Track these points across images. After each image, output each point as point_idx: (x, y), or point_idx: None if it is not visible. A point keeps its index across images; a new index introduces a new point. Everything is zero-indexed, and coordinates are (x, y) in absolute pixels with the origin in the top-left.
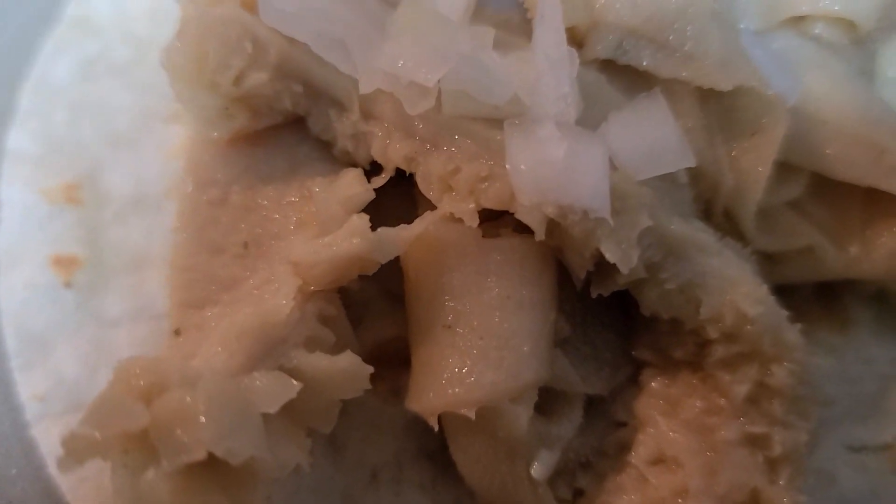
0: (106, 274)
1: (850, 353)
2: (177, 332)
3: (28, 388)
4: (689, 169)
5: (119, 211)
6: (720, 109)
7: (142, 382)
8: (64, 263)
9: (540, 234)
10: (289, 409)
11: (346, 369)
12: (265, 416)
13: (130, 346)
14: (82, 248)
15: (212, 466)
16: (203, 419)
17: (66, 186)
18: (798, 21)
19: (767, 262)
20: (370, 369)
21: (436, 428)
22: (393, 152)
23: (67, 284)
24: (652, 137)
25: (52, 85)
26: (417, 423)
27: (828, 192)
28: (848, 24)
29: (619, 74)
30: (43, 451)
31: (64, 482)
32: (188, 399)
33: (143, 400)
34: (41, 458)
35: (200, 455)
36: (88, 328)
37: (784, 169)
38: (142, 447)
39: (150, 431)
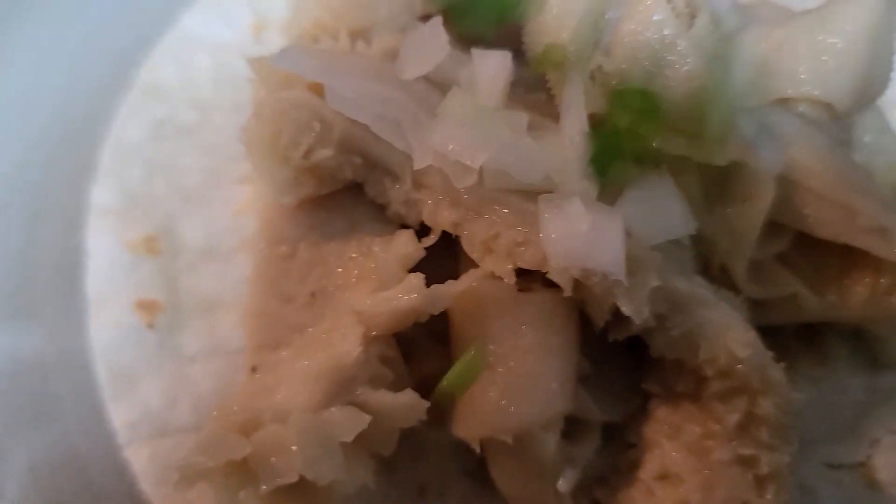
0: (183, 316)
1: (829, 383)
2: (254, 370)
3: (119, 415)
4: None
5: (192, 260)
6: (717, 180)
7: (240, 419)
8: (146, 307)
9: (567, 291)
10: (358, 437)
11: (407, 404)
12: (342, 444)
13: (206, 378)
14: (162, 294)
15: (297, 488)
16: (294, 448)
17: (145, 238)
18: (784, 101)
19: (757, 307)
20: (426, 404)
21: (478, 451)
22: (441, 218)
23: (150, 325)
24: (660, 210)
25: (128, 145)
26: (458, 445)
27: (809, 248)
28: (827, 105)
29: None
30: (135, 469)
31: (154, 497)
32: (281, 432)
33: (243, 433)
34: (133, 476)
35: (293, 478)
36: (169, 364)
37: (772, 227)
38: (241, 472)
39: (249, 460)
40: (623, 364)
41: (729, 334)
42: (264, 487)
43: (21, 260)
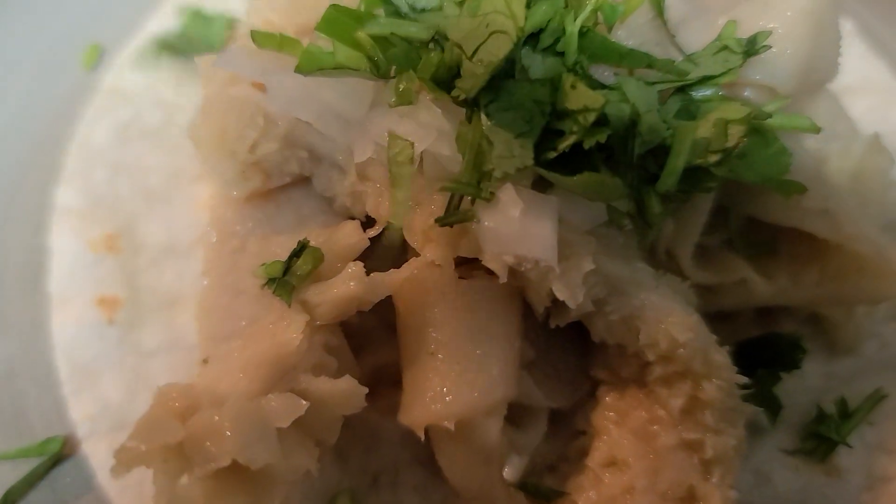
0: (143, 312)
1: None
2: (205, 361)
3: (79, 410)
4: (633, 218)
5: (153, 257)
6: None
7: (177, 404)
8: (107, 303)
9: (503, 278)
10: (299, 423)
11: (346, 390)
12: (279, 430)
13: (165, 373)
14: (123, 290)
15: (235, 472)
16: (228, 433)
17: (107, 237)
18: (729, 87)
19: (707, 293)
20: (365, 390)
21: (423, 438)
22: (384, 209)
23: (111, 321)
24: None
25: (93, 147)
26: (411, 434)
27: (757, 232)
28: (769, 89)
29: None
30: (93, 463)
31: (111, 489)
32: (216, 417)
33: (180, 418)
34: (91, 469)
35: (225, 462)
36: (129, 359)
37: (718, 212)
38: (178, 457)
39: (184, 444)
40: (570, 350)
41: (669, 318)
42: (198, 471)
43: None
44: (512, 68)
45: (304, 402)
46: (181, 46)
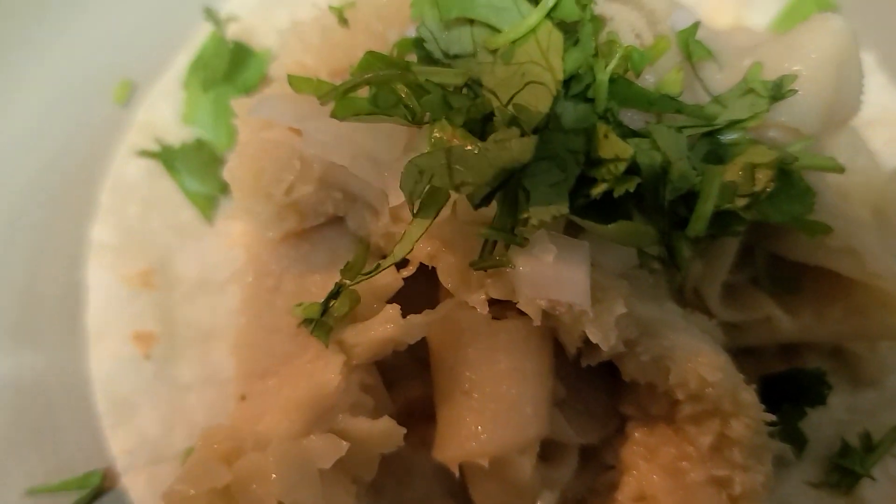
0: (178, 347)
1: None
2: (242, 398)
3: (117, 443)
4: (663, 261)
5: (187, 292)
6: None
7: (222, 446)
8: (143, 338)
9: (537, 321)
10: (339, 463)
11: (385, 430)
12: (321, 471)
13: (201, 407)
14: (158, 325)
15: None
16: (274, 476)
17: (141, 272)
18: (755, 128)
19: (733, 330)
20: (403, 430)
21: (457, 475)
22: (418, 250)
23: (147, 356)
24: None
25: (126, 182)
26: (443, 468)
27: (782, 269)
28: (794, 131)
29: None
30: (132, 496)
31: None
32: (261, 460)
33: (225, 461)
34: (130, 502)
35: None
36: (165, 392)
37: (744, 250)
38: (224, 500)
39: (231, 487)
40: (600, 387)
41: (699, 358)
42: None
43: (25, 294)
44: (546, 118)
45: (344, 443)
46: (215, 79)
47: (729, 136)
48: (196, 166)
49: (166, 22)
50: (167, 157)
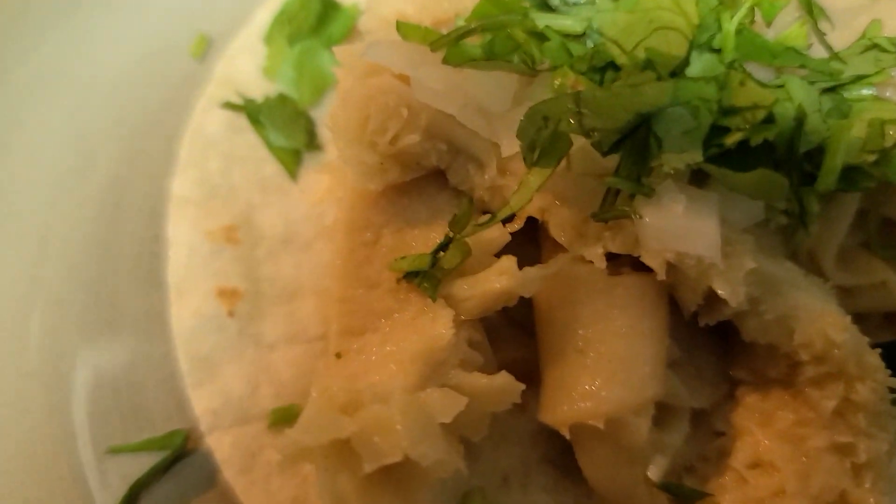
0: (263, 304)
1: None
2: (338, 356)
3: (201, 403)
4: (785, 219)
5: (272, 249)
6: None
7: (340, 399)
8: (227, 295)
9: (661, 275)
10: (451, 420)
11: (501, 386)
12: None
13: (286, 366)
14: (242, 282)
15: (394, 471)
16: (399, 428)
17: (225, 227)
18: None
19: (844, 294)
20: (522, 386)
21: (567, 437)
22: (528, 204)
23: (230, 314)
24: None
25: (206, 137)
26: (540, 433)
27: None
28: None
29: None
30: (217, 457)
31: (237, 484)
32: (385, 412)
33: (345, 413)
34: (215, 464)
35: (397, 458)
36: (249, 351)
37: (859, 213)
38: (342, 453)
39: (353, 440)
40: (711, 350)
41: (824, 318)
42: (367, 467)
43: (104, 249)
44: (684, 62)
45: (463, 398)
46: (301, 33)
47: (854, 93)
48: (280, 120)
49: None
50: (251, 111)
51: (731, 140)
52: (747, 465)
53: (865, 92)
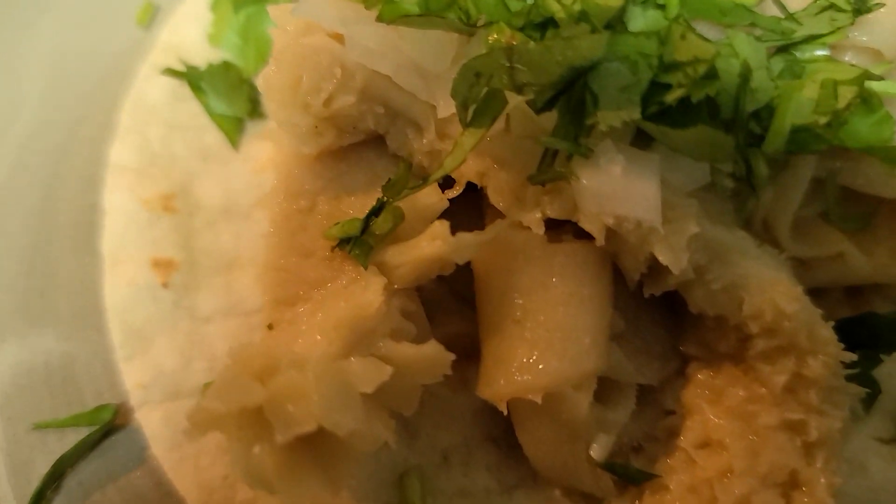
0: (199, 275)
1: None
2: (270, 327)
3: (132, 377)
4: (732, 182)
5: (210, 218)
6: None
7: (256, 365)
8: (162, 265)
9: (600, 241)
10: (377, 392)
11: (431, 356)
12: (362, 396)
13: (221, 339)
14: (178, 252)
15: (313, 441)
16: (314, 396)
17: (162, 196)
18: (831, 49)
19: (800, 267)
20: (452, 356)
21: (505, 412)
22: (466, 168)
23: (165, 284)
24: None
25: (148, 104)
26: (483, 410)
27: (855, 204)
28: (875, 52)
29: None
30: (146, 433)
31: (166, 461)
32: (300, 378)
33: (259, 379)
34: (145, 440)
35: (311, 427)
36: (184, 324)
37: (816, 182)
38: (255, 422)
39: (265, 407)
40: (659, 324)
41: (775, 288)
42: (280, 437)
43: (39, 216)
44: (620, 13)
45: (388, 367)
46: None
47: (807, 53)
48: (223, 88)
49: None
50: (193, 78)
51: (672, 97)
52: (697, 444)
53: (819, 52)
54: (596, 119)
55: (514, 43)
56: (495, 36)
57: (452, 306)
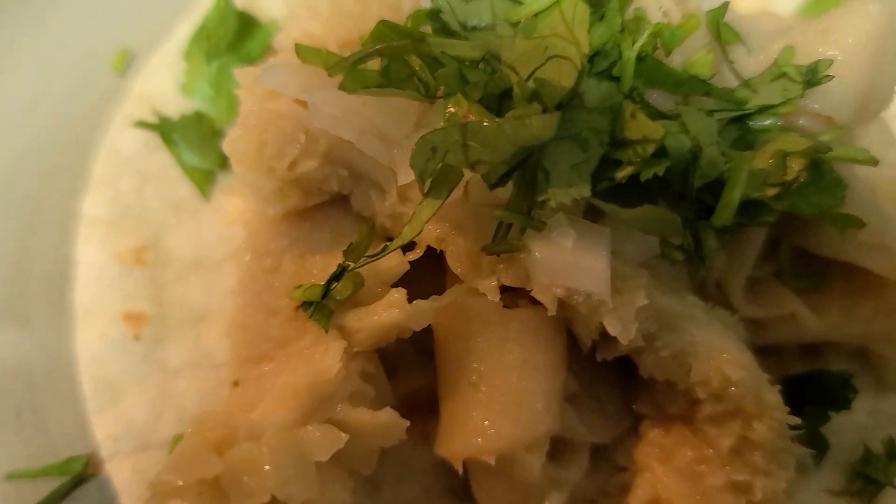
0: (169, 328)
1: None
2: (236, 384)
3: (102, 428)
4: (687, 251)
5: (181, 271)
6: None
7: (214, 435)
8: (133, 318)
9: (552, 311)
10: (336, 455)
11: (386, 422)
12: (317, 464)
13: (191, 391)
14: (149, 305)
15: None
16: (267, 468)
17: (134, 249)
18: (785, 116)
19: (755, 327)
20: (406, 423)
21: (461, 471)
22: (426, 232)
23: (136, 337)
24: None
25: (121, 155)
26: (444, 463)
27: (808, 265)
28: (826, 119)
29: None
30: (116, 484)
31: None
32: (254, 451)
33: (216, 451)
34: (114, 491)
35: (265, 499)
36: (154, 376)
37: (769, 244)
38: (214, 492)
39: (222, 479)
40: (613, 384)
41: (722, 355)
42: None
43: (12, 269)
44: (570, 94)
45: (343, 435)
46: (219, 49)
47: (759, 123)
48: (194, 139)
49: None
50: (165, 129)
51: (622, 174)
52: (646, 501)
53: (770, 122)
54: (547, 195)
55: (470, 118)
56: (452, 109)
57: (414, 360)
